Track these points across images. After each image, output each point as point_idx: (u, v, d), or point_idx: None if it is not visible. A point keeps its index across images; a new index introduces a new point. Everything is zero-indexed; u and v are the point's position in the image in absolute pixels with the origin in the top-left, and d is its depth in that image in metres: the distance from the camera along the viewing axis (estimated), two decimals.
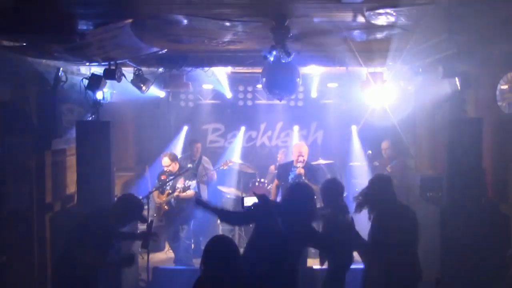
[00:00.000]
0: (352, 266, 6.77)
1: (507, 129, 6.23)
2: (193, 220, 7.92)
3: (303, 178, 7.07)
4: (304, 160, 7.22)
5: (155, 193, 7.76)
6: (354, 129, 9.61)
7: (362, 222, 5.22)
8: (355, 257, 5.23)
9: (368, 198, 4.94)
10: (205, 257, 3.42)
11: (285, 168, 7.44)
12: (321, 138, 10.08)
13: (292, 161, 7.40)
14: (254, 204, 4.44)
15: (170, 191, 7.69)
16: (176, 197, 7.66)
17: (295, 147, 7.52)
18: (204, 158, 8.57)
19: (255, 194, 4.38)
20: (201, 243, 8.22)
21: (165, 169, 7.76)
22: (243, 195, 4.49)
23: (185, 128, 9.80)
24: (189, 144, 8.79)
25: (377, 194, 4.93)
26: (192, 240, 8.06)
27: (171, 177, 7.71)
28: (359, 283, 5.49)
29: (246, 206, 4.39)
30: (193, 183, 7.69)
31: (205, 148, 9.89)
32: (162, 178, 7.86)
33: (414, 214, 5.04)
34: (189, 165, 8.26)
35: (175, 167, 7.79)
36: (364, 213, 5.06)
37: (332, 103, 9.83)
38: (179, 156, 8.53)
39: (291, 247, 4.10)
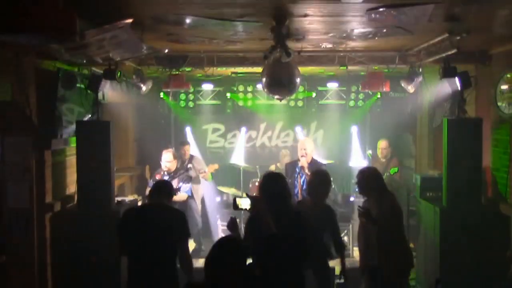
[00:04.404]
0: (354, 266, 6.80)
1: (507, 129, 6.24)
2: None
3: (306, 172, 7.08)
4: (306, 153, 7.05)
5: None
6: (354, 129, 9.62)
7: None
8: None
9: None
10: (209, 261, 3.13)
11: (292, 166, 7.44)
12: (321, 138, 10.08)
13: (297, 159, 7.43)
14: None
15: None
16: None
17: (299, 143, 7.53)
18: (196, 158, 8.49)
19: (248, 196, 4.23)
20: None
21: (166, 165, 7.62)
22: (235, 196, 4.36)
23: (188, 129, 9.78)
24: (178, 146, 8.75)
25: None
26: None
27: (166, 177, 7.64)
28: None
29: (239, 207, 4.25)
30: (186, 186, 7.60)
31: (205, 148, 9.89)
32: (157, 177, 7.76)
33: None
34: (189, 166, 8.21)
35: (174, 166, 7.73)
36: None
37: (332, 103, 9.85)
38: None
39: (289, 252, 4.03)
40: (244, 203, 4.13)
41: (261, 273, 3.65)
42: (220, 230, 8.43)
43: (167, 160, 7.58)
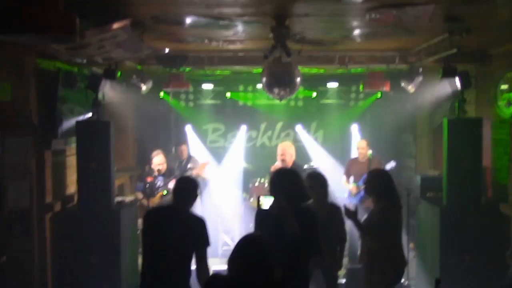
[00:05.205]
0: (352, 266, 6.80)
1: (507, 129, 6.24)
2: None
3: None
4: (284, 159, 6.95)
5: (140, 196, 7.60)
6: (355, 128, 9.60)
7: None
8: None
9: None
10: (234, 256, 3.12)
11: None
12: (321, 138, 10.07)
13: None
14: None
15: (164, 193, 7.59)
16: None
17: (278, 147, 7.33)
18: (193, 159, 8.45)
19: (272, 195, 4.08)
20: None
21: (158, 167, 7.57)
22: (259, 195, 4.25)
23: (188, 127, 9.74)
24: (174, 146, 8.72)
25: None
26: None
27: (160, 178, 7.62)
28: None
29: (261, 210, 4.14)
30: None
31: (205, 148, 9.88)
32: (149, 180, 7.59)
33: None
34: (189, 166, 8.20)
35: (165, 166, 7.69)
36: None
37: (332, 103, 9.85)
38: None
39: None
40: (267, 202, 4.02)
41: (281, 274, 3.57)
42: (220, 230, 8.42)
43: (159, 162, 7.56)
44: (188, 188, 4.41)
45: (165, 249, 4.18)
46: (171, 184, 7.53)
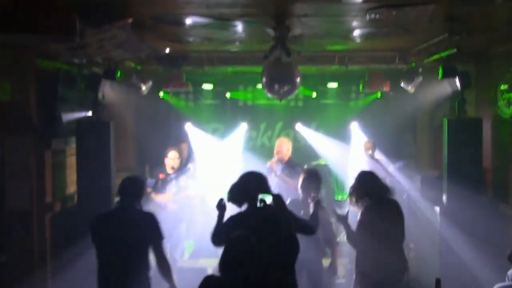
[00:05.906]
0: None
1: (507, 129, 6.24)
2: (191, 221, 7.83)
3: (274, 170, 7.00)
4: (280, 153, 7.07)
5: (148, 190, 7.56)
6: (354, 128, 9.59)
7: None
8: None
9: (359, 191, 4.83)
10: (223, 258, 3.15)
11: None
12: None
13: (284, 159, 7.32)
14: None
15: (176, 190, 7.52)
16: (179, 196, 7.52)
17: (276, 141, 7.42)
18: (193, 158, 8.44)
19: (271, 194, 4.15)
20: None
21: (176, 163, 7.45)
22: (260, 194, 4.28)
23: (189, 125, 9.70)
24: (174, 144, 8.69)
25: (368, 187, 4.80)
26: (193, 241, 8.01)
27: (172, 175, 7.58)
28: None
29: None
30: (193, 182, 7.61)
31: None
32: (161, 177, 7.56)
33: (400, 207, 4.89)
34: (189, 165, 8.17)
35: (178, 163, 7.65)
36: None
37: (332, 103, 9.85)
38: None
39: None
40: (267, 199, 4.05)
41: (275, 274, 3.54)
42: None
43: (173, 158, 7.49)
44: (133, 186, 4.49)
45: (119, 249, 4.25)
46: (183, 182, 7.51)
